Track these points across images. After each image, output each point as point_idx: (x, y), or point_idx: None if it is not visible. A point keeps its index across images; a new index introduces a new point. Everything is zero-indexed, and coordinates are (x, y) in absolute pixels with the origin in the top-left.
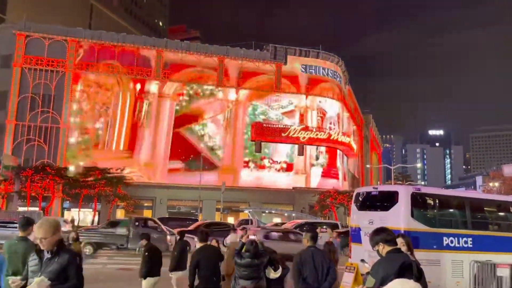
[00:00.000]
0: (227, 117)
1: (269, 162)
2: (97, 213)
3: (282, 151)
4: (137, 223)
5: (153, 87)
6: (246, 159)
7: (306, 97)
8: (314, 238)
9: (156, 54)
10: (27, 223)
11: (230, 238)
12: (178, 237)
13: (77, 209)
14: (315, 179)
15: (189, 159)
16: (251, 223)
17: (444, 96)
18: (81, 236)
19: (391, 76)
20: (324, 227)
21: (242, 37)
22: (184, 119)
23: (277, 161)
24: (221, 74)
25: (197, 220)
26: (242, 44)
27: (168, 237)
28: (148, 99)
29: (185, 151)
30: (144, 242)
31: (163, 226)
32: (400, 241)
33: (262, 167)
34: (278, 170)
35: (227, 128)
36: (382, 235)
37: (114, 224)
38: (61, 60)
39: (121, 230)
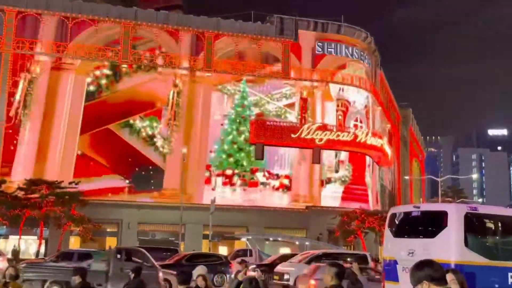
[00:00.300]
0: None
1: (264, 176)
2: (43, 241)
3: (284, 158)
4: (119, 255)
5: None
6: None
7: (326, 85)
8: (340, 275)
9: (123, 29)
10: None
11: (197, 272)
12: (132, 275)
13: (17, 236)
14: (332, 199)
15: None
16: (250, 255)
17: (509, 85)
18: (25, 273)
19: (436, 59)
20: (349, 259)
21: (238, 6)
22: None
23: (276, 175)
24: (210, 54)
25: (177, 251)
26: (238, 15)
27: (160, 274)
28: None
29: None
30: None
31: (152, 260)
32: (450, 278)
33: (254, 184)
34: (277, 189)
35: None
36: (426, 270)
37: (68, 255)
38: None
39: (97, 265)
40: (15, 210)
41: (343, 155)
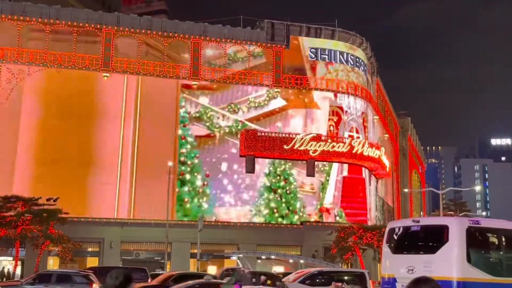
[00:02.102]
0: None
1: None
2: (19, 262)
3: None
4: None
5: (99, 84)
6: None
7: (310, 93)
8: None
9: (104, 36)
10: None
11: None
12: None
13: None
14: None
15: None
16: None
17: None
18: None
19: (436, 64)
20: (345, 279)
21: (226, 10)
22: None
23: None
24: (197, 61)
25: (163, 271)
26: (226, 20)
27: None
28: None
29: None
30: None
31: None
32: None
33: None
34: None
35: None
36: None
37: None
38: None
39: None
40: None
41: (333, 168)
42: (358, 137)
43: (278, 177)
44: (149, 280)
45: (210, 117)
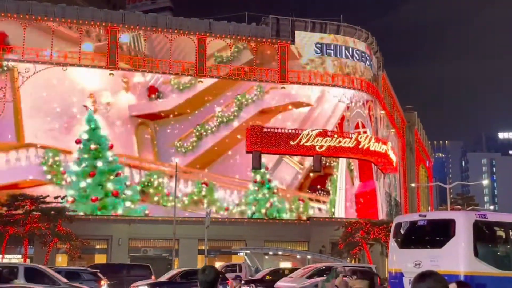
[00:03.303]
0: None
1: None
2: (28, 260)
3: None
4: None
5: (103, 81)
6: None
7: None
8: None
9: (110, 33)
10: None
11: None
12: None
13: (0, 256)
14: (338, 208)
15: None
16: (240, 270)
17: None
18: None
19: (443, 58)
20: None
21: (231, 7)
22: None
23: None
24: (202, 59)
25: (171, 267)
26: (231, 17)
27: None
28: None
29: None
30: None
31: None
32: None
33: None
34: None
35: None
36: (428, 282)
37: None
38: None
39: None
40: None
41: (341, 164)
42: (365, 132)
43: None
44: (153, 277)
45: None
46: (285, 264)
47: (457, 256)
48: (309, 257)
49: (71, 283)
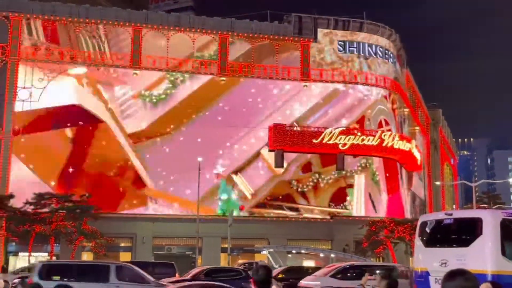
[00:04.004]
0: None
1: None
2: (54, 258)
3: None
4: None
5: (128, 79)
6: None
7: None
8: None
9: (133, 32)
10: None
11: None
12: None
13: (27, 253)
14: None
15: None
16: None
17: None
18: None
19: (468, 54)
20: (378, 272)
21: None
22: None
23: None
24: (224, 58)
25: (194, 265)
26: (253, 15)
27: None
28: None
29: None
30: None
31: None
32: None
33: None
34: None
35: None
36: (458, 281)
37: None
38: (0, 45)
39: None
40: (24, 226)
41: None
42: (390, 130)
43: None
44: (177, 275)
45: None
46: (309, 263)
47: (484, 255)
48: (332, 255)
49: (158, 281)
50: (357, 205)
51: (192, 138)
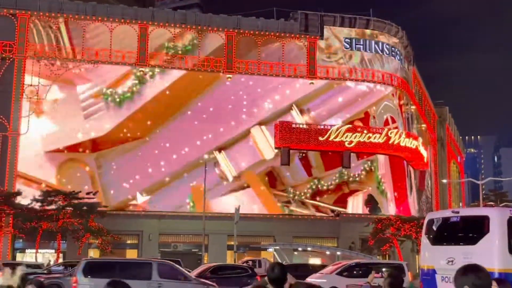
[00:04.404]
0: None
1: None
2: (61, 254)
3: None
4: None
5: (135, 78)
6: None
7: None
8: (396, 285)
9: (139, 30)
10: None
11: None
12: None
13: (34, 250)
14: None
15: None
16: (259, 265)
17: None
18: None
19: (474, 51)
20: (384, 269)
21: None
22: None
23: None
24: (231, 55)
25: (200, 262)
26: (259, 12)
27: None
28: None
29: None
30: None
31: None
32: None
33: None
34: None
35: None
36: (470, 277)
37: None
38: (7, 42)
39: None
40: (31, 223)
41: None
42: (396, 127)
43: None
44: None
45: None
46: (315, 260)
47: (491, 253)
48: (338, 253)
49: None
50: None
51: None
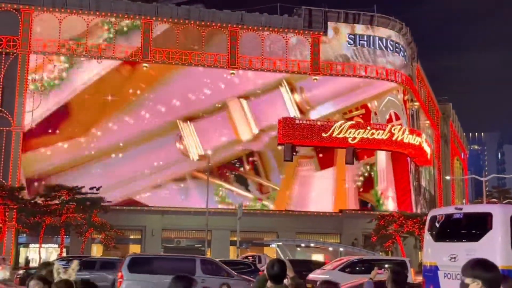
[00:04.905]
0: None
1: None
2: (64, 249)
3: None
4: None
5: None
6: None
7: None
8: (398, 281)
9: (143, 26)
10: None
11: None
12: None
13: (38, 245)
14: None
15: None
16: (260, 261)
17: None
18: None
19: (479, 48)
20: (386, 266)
21: None
22: None
23: None
24: (234, 51)
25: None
26: (263, 8)
27: None
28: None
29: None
30: None
31: None
32: None
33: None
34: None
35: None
36: (479, 271)
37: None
38: (11, 37)
39: None
40: (35, 218)
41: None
42: (401, 124)
43: None
44: None
45: None
46: (317, 256)
47: (494, 250)
48: (341, 249)
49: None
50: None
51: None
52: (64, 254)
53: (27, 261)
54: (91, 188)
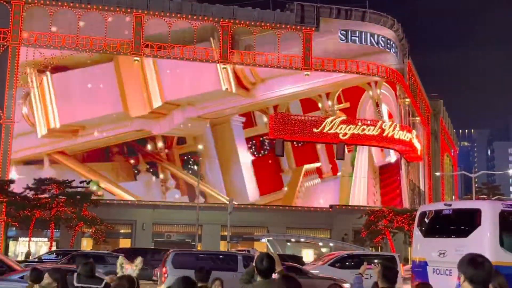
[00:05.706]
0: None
1: None
2: (54, 243)
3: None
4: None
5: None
6: None
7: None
8: (388, 276)
9: (135, 20)
10: None
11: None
12: None
13: (27, 238)
14: (360, 196)
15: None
16: None
17: None
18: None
19: (469, 46)
20: (376, 261)
21: None
22: None
23: None
24: (226, 45)
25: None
26: (255, 3)
27: None
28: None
29: None
30: None
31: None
32: None
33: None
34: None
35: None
36: (464, 266)
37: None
38: (1, 29)
39: None
40: (24, 211)
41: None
42: (392, 120)
43: None
44: None
45: None
46: (307, 251)
47: (482, 246)
48: (331, 244)
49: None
50: (357, 195)
51: None
52: (53, 248)
53: (27, 255)
54: (81, 182)
